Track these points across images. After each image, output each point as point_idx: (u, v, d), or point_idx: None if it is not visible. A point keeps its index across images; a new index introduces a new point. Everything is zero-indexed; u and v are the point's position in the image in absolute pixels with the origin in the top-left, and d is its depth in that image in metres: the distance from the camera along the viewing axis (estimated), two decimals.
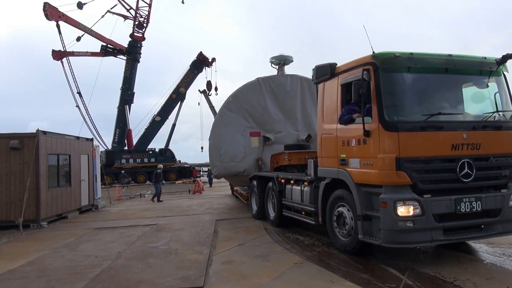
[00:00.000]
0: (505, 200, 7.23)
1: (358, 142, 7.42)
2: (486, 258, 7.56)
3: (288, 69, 16.52)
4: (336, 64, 8.48)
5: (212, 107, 41.15)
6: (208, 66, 45.22)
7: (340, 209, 8.07)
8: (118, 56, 47.21)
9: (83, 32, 43.91)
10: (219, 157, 14.57)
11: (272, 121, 14.67)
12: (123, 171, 36.25)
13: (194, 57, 46.18)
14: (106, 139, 47.24)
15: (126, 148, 46.59)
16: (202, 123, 48.57)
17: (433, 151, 6.92)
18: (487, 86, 7.65)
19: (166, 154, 45.24)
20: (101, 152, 41.46)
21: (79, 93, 43.54)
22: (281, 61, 16.26)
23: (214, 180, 28.66)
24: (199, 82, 47.07)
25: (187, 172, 43.31)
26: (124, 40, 47.05)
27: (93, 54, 45.70)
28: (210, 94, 43.02)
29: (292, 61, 16.58)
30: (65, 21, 42.45)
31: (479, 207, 6.97)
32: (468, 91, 7.76)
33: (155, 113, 46.81)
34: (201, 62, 45.76)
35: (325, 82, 8.76)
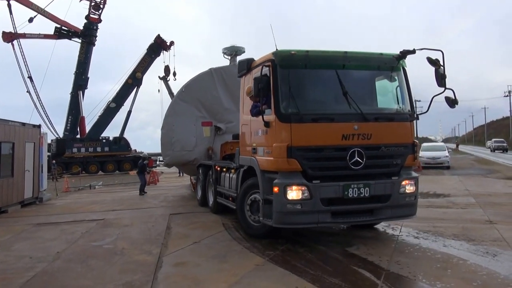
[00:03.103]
0: (395, 187, 7.70)
1: (262, 132, 8.03)
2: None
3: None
4: (253, 60, 8.91)
5: (171, 94, 39.51)
6: (166, 50, 43.52)
7: (255, 195, 8.52)
8: (72, 39, 44.43)
9: (36, 13, 41.11)
10: (171, 146, 14.77)
11: (224, 111, 14.62)
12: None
13: (151, 40, 44.34)
14: (58, 127, 44.87)
15: (78, 136, 44.26)
16: (162, 111, 46.81)
17: (324, 141, 7.44)
18: (392, 80, 8.16)
19: (120, 142, 43.21)
20: (52, 140, 39.49)
21: (30, 77, 41.03)
22: (233, 51, 16.70)
23: None
24: (157, 67, 45.43)
25: None
26: (79, 22, 44.47)
27: (46, 36, 43.05)
28: (168, 79, 41.63)
29: (244, 51, 16.94)
30: (16, 1, 39.63)
31: (367, 193, 7.47)
32: (366, 85, 8.30)
33: (110, 99, 44.47)
34: (158, 46, 43.89)
35: (245, 76, 9.28)
